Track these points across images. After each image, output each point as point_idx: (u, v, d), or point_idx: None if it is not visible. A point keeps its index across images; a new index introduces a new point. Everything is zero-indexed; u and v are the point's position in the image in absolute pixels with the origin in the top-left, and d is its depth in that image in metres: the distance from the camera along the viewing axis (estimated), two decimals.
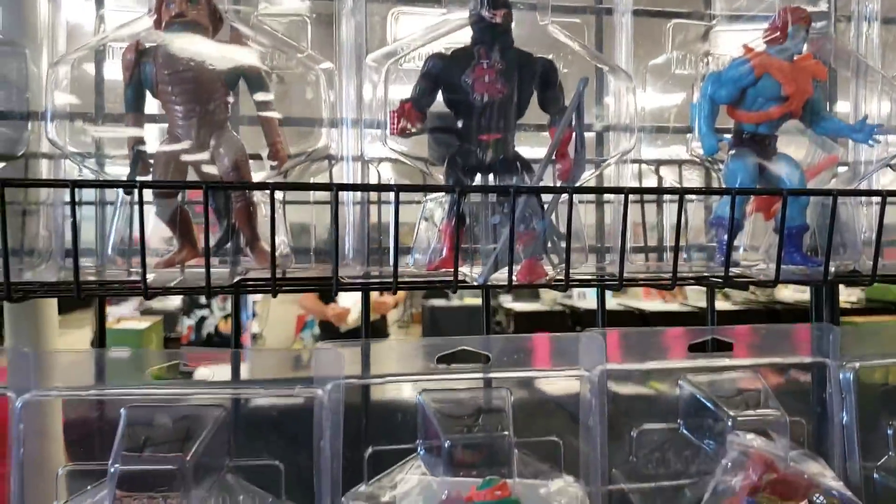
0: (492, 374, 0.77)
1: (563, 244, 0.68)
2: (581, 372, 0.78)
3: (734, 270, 0.73)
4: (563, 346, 0.79)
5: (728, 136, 0.73)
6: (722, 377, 0.83)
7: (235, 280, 0.68)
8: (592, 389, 0.78)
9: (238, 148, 0.67)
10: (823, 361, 0.84)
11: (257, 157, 0.70)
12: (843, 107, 0.86)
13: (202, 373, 0.80)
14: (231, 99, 0.68)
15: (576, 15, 0.77)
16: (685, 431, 0.83)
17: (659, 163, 0.79)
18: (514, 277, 0.66)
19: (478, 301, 0.86)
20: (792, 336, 0.85)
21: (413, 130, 0.67)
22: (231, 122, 0.69)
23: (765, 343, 0.84)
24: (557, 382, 0.80)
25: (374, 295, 3.23)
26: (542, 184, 0.67)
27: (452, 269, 0.63)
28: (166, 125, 0.67)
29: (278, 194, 0.62)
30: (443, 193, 0.67)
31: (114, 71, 0.68)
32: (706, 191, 0.72)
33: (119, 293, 0.68)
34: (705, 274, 0.73)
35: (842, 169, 0.82)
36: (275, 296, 0.65)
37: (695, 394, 0.81)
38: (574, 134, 0.69)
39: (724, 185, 0.74)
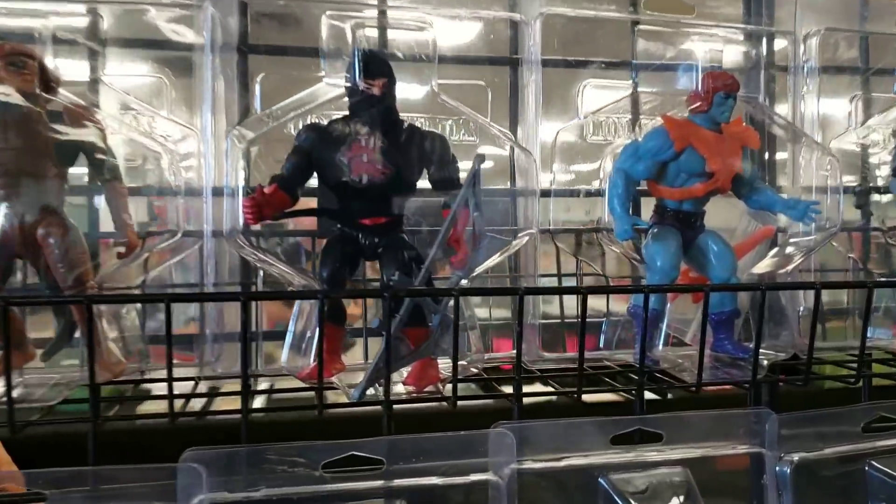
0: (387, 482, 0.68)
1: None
2: (489, 476, 0.69)
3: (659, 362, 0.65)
4: (469, 445, 0.70)
5: (642, 220, 0.65)
6: (645, 473, 0.74)
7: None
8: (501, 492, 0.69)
9: (71, 239, 0.57)
10: (760, 452, 0.76)
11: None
12: (784, 165, 0.78)
13: None
14: (66, 179, 0.58)
15: (477, 69, 0.68)
16: None
17: (576, 232, 0.71)
18: (399, 388, 0.57)
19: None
20: (727, 423, 0.77)
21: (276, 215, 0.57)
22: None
23: (697, 432, 0.76)
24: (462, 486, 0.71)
25: None
26: (432, 276, 0.58)
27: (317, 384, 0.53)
28: None
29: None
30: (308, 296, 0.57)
31: None
32: (613, 289, 0.63)
33: None
34: (618, 368, 0.65)
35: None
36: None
37: (611, 494, 0.73)
38: (470, 216, 0.60)
39: (644, 262, 0.66)
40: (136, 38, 0.62)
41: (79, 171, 0.60)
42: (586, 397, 0.65)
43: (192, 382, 0.62)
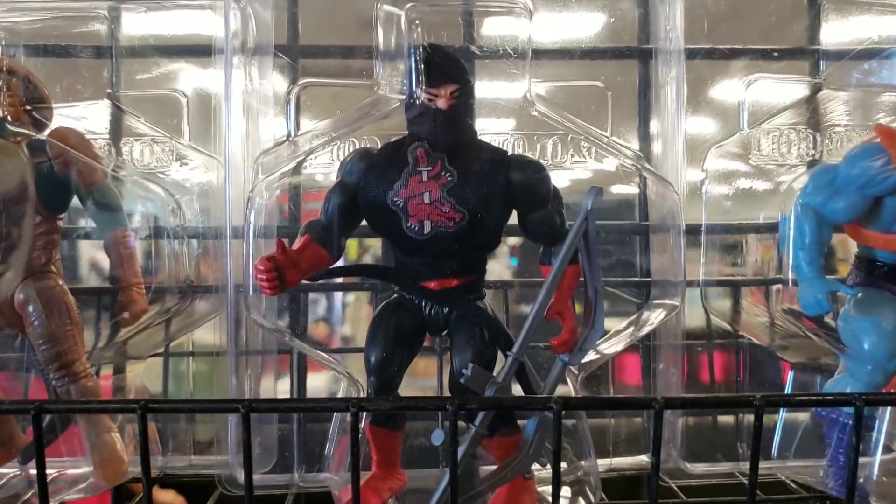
0: None
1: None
2: None
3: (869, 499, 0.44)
4: None
5: (843, 286, 0.44)
6: None
7: None
8: None
9: (62, 306, 0.44)
10: None
11: None
12: None
13: None
14: (56, 227, 0.46)
15: (592, 65, 0.49)
16: None
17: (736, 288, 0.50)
18: None
19: None
20: None
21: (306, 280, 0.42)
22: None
23: None
24: None
25: None
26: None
27: None
28: None
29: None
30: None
31: None
32: (808, 402, 0.42)
33: None
34: (806, 494, 0.44)
35: None
36: None
37: None
38: (583, 277, 0.42)
39: (842, 338, 0.45)
40: (149, 44, 0.48)
41: None
42: None
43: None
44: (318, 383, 0.53)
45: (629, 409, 0.44)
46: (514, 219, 0.43)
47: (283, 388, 0.51)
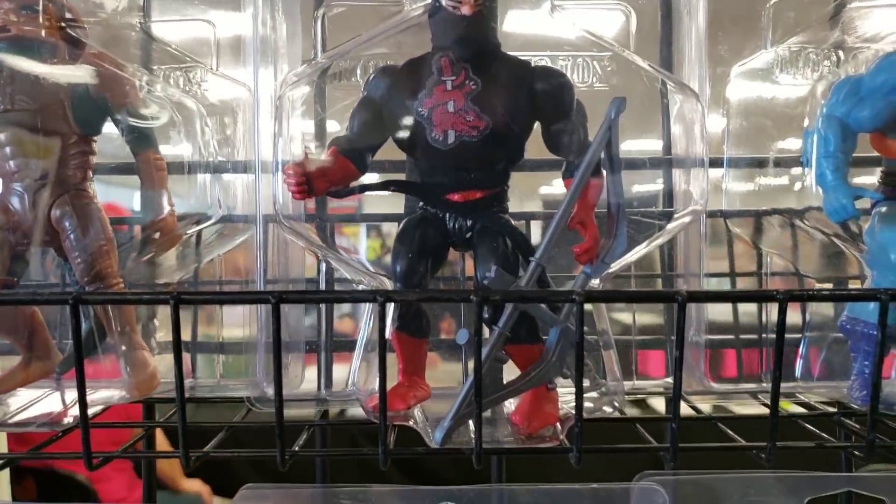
0: None
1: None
2: None
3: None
4: (606, 502, 0.52)
5: (869, 186, 0.43)
6: None
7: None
8: None
9: (97, 222, 0.46)
10: None
11: None
12: None
13: None
14: (91, 148, 0.47)
15: None
16: None
17: (756, 214, 0.50)
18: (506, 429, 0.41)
19: None
20: None
21: (337, 190, 0.43)
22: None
23: None
24: None
25: None
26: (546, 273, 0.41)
27: (380, 420, 0.38)
28: None
29: None
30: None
31: None
32: (831, 296, 0.42)
33: None
34: (831, 409, 0.44)
35: None
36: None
37: None
38: (604, 187, 0.42)
39: (866, 262, 0.45)
40: None
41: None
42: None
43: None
44: (343, 374, 0.54)
45: (652, 302, 0.44)
46: None
47: (310, 376, 0.52)
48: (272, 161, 0.41)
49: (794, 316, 0.51)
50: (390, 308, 0.42)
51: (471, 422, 0.40)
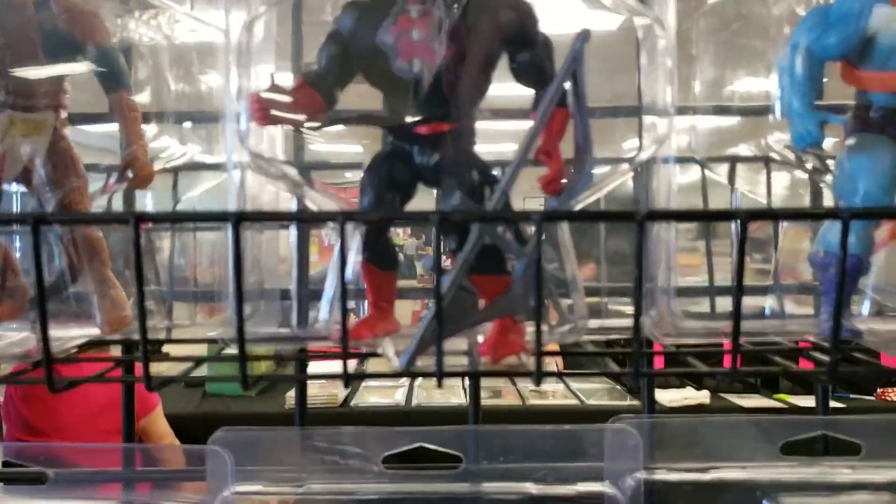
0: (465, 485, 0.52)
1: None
2: (604, 487, 0.51)
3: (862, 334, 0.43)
4: (578, 444, 0.52)
5: (838, 115, 0.43)
6: (833, 499, 0.52)
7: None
8: None
9: (68, 160, 0.46)
10: None
11: None
12: None
13: None
14: (64, 87, 0.47)
15: None
16: None
17: (730, 160, 0.50)
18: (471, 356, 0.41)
19: None
20: None
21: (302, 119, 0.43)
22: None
23: None
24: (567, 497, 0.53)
25: None
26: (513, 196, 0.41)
27: (341, 347, 0.38)
28: None
29: None
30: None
31: None
32: (789, 212, 0.42)
33: None
34: (792, 344, 0.44)
35: None
36: None
37: None
38: (570, 118, 0.42)
39: (834, 194, 0.45)
40: None
41: None
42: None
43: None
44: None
45: (612, 221, 0.44)
46: None
47: None
48: (236, 92, 0.41)
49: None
50: (350, 229, 0.42)
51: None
